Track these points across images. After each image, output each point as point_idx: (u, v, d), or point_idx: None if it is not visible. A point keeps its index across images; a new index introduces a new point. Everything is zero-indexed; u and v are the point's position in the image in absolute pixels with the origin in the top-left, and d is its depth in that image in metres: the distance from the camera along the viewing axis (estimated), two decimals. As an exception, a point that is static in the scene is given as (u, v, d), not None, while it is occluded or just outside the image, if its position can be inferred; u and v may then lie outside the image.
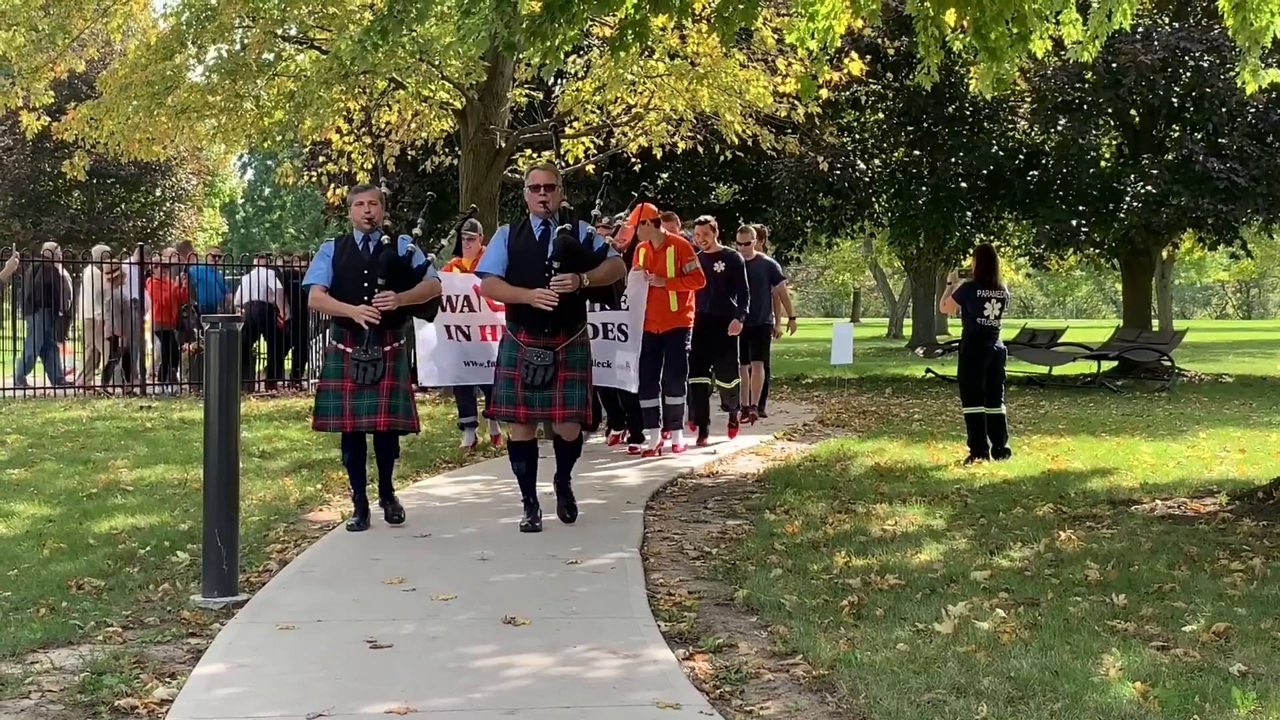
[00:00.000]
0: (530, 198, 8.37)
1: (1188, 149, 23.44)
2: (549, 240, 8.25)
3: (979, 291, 11.82)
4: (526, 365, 8.18)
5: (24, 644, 5.79)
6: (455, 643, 5.80)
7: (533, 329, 8.24)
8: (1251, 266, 65.30)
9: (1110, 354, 24.15)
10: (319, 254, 8.59)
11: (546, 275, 8.16)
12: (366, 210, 8.33)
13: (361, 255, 8.34)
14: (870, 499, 9.69)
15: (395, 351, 8.35)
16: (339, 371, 8.32)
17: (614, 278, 8.51)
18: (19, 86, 18.67)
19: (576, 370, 8.34)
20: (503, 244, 8.40)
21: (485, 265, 8.46)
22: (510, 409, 8.34)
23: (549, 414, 8.33)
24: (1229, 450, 12.92)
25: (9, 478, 10.54)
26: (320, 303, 8.41)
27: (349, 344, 8.27)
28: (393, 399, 8.30)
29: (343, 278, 8.31)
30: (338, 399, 8.27)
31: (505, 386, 8.33)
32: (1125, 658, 5.47)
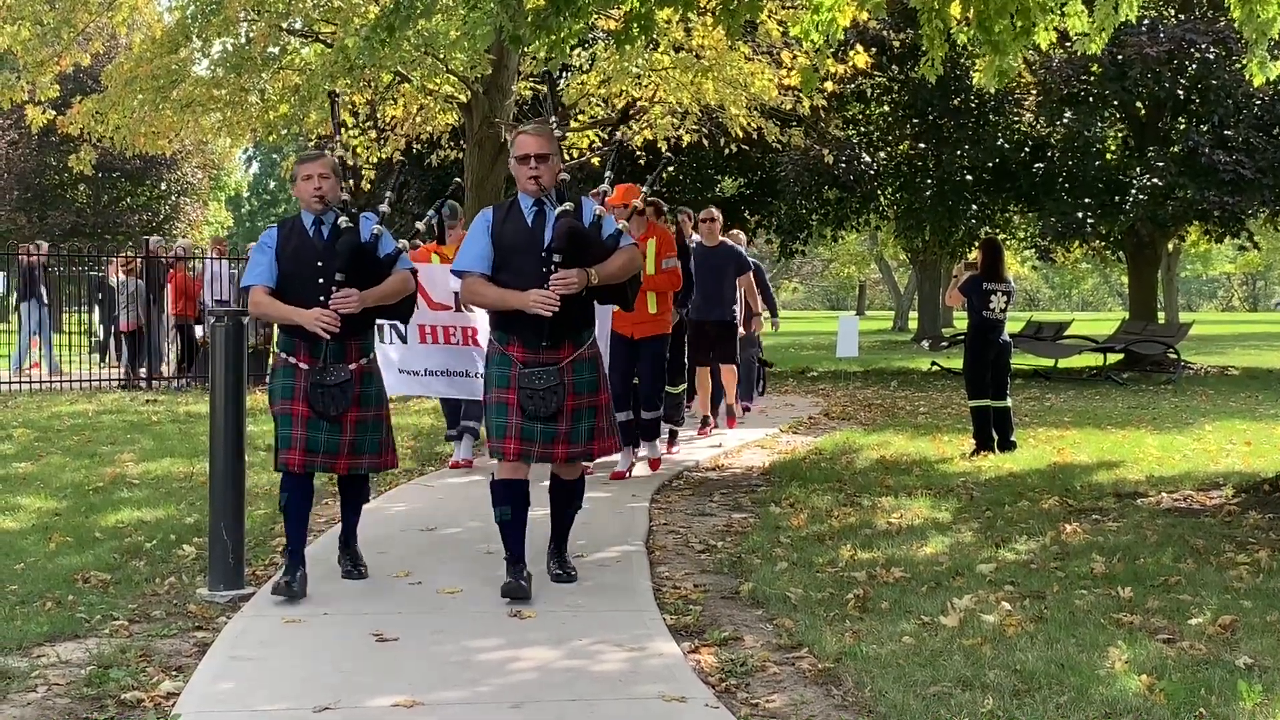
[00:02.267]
0: (519, 171, 6.61)
1: (1194, 141, 23.40)
2: (545, 225, 6.52)
3: (984, 284, 11.81)
4: (526, 391, 6.43)
5: (30, 638, 5.80)
6: (461, 636, 5.81)
7: (528, 342, 6.48)
8: (1258, 259, 65.21)
9: (1116, 347, 24.11)
10: (258, 245, 6.69)
11: (544, 271, 6.41)
12: (316, 185, 6.52)
13: (313, 244, 6.53)
14: (876, 492, 9.69)
15: (364, 371, 6.63)
16: (289, 390, 6.52)
17: (629, 272, 6.67)
18: (24, 80, 18.71)
19: (585, 394, 6.57)
20: (485, 233, 6.60)
21: (464, 262, 6.62)
22: (503, 444, 6.54)
23: (550, 452, 6.53)
24: (1235, 443, 12.91)
25: (15, 471, 10.56)
26: (263, 309, 6.54)
27: (303, 358, 6.51)
28: (359, 434, 6.61)
29: (291, 274, 6.51)
30: (286, 426, 6.52)
31: (499, 413, 6.52)
32: (1131, 651, 5.47)
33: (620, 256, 6.62)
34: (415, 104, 20.28)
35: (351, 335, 6.53)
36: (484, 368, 6.71)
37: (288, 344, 6.59)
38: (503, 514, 6.62)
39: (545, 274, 6.41)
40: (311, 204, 6.57)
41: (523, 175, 6.60)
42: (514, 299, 6.43)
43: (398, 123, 20.99)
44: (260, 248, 6.64)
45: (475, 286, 6.63)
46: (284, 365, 6.59)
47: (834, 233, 31.07)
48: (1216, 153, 22.91)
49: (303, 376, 6.49)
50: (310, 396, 6.46)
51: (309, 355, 6.51)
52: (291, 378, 6.54)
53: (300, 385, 6.49)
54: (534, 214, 6.60)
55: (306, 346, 6.50)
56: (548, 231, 6.49)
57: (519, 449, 6.49)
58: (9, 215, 43.32)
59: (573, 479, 6.90)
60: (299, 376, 6.51)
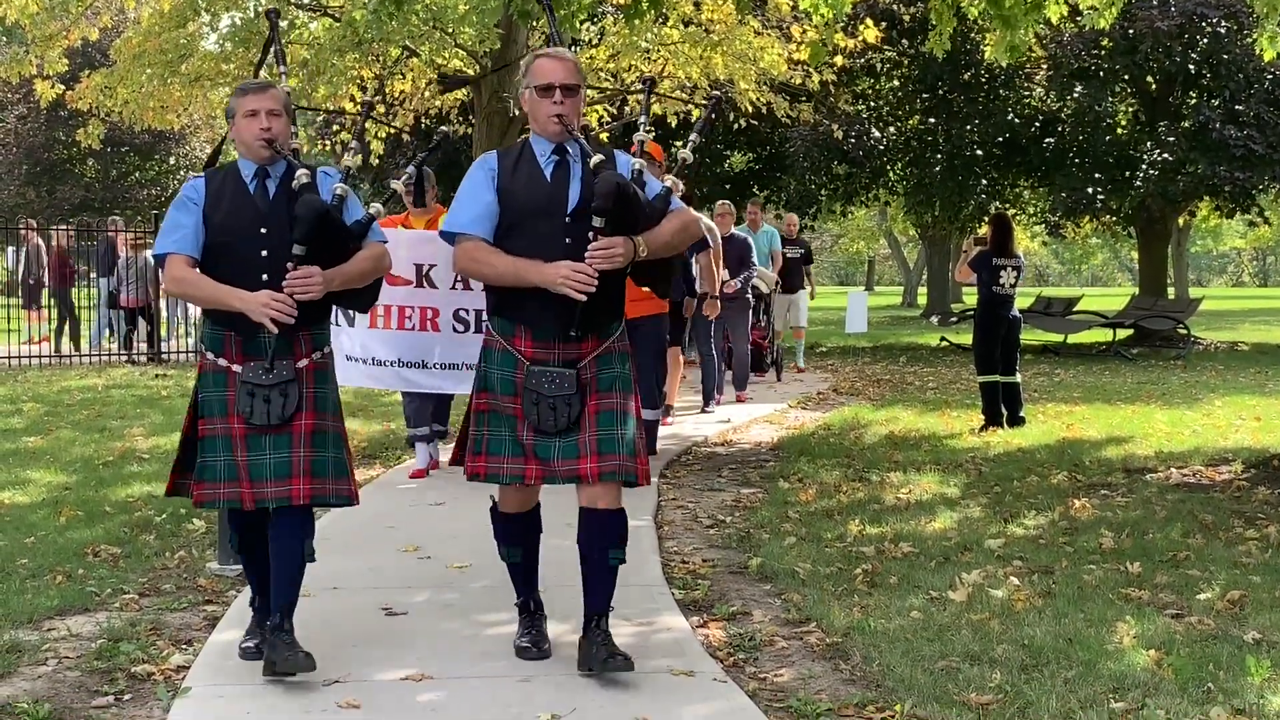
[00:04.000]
0: (537, 106, 5.04)
1: (1204, 116, 23.32)
2: (569, 180, 5.02)
3: (994, 260, 11.79)
4: (534, 396, 4.96)
5: (41, 611, 5.82)
6: (470, 610, 5.82)
7: (541, 332, 4.99)
8: (1268, 234, 64.98)
9: (1126, 322, 24.08)
10: (178, 201, 5.05)
11: (566, 241, 4.93)
12: (264, 125, 4.95)
13: (255, 203, 4.97)
14: (884, 467, 9.69)
15: (318, 368, 5.03)
16: (222, 406, 4.94)
17: (683, 243, 5.29)
18: (33, 54, 18.68)
19: (615, 394, 5.04)
20: (488, 186, 5.06)
21: (460, 221, 5.07)
22: (506, 464, 5.04)
23: (575, 470, 4.97)
24: (1244, 418, 12.89)
25: (26, 446, 10.58)
26: (186, 287, 5.00)
27: (237, 358, 4.93)
28: (317, 450, 4.95)
29: (224, 244, 4.94)
30: (226, 451, 4.91)
31: (496, 426, 5.05)
32: (1139, 626, 5.47)
33: (672, 222, 5.10)
34: (424, 79, 20.23)
35: (303, 325, 4.90)
36: (479, 363, 5.13)
37: (215, 340, 4.98)
38: (509, 554, 5.32)
39: (568, 244, 4.92)
40: (256, 149, 4.97)
41: (542, 112, 5.02)
42: (536, 272, 4.87)
43: (406, 97, 20.94)
44: (181, 205, 5.01)
45: (478, 253, 5.00)
46: (214, 370, 4.97)
47: (843, 208, 31.02)
48: (1227, 128, 22.83)
49: (235, 383, 4.93)
50: (243, 402, 4.88)
51: (243, 353, 4.92)
52: (225, 387, 4.95)
53: (235, 396, 4.93)
54: (553, 165, 5.05)
55: (240, 342, 4.92)
56: (572, 188, 4.99)
57: (540, 471, 5.00)
58: (18, 190, 43.35)
59: (613, 508, 5.01)
60: (232, 386, 4.93)
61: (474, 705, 4.63)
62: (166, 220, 5.03)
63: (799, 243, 19.07)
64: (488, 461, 5.07)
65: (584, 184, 4.98)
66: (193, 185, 5.09)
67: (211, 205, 4.98)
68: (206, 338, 5.08)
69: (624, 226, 4.90)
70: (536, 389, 4.98)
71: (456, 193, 5.12)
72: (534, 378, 4.98)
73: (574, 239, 4.93)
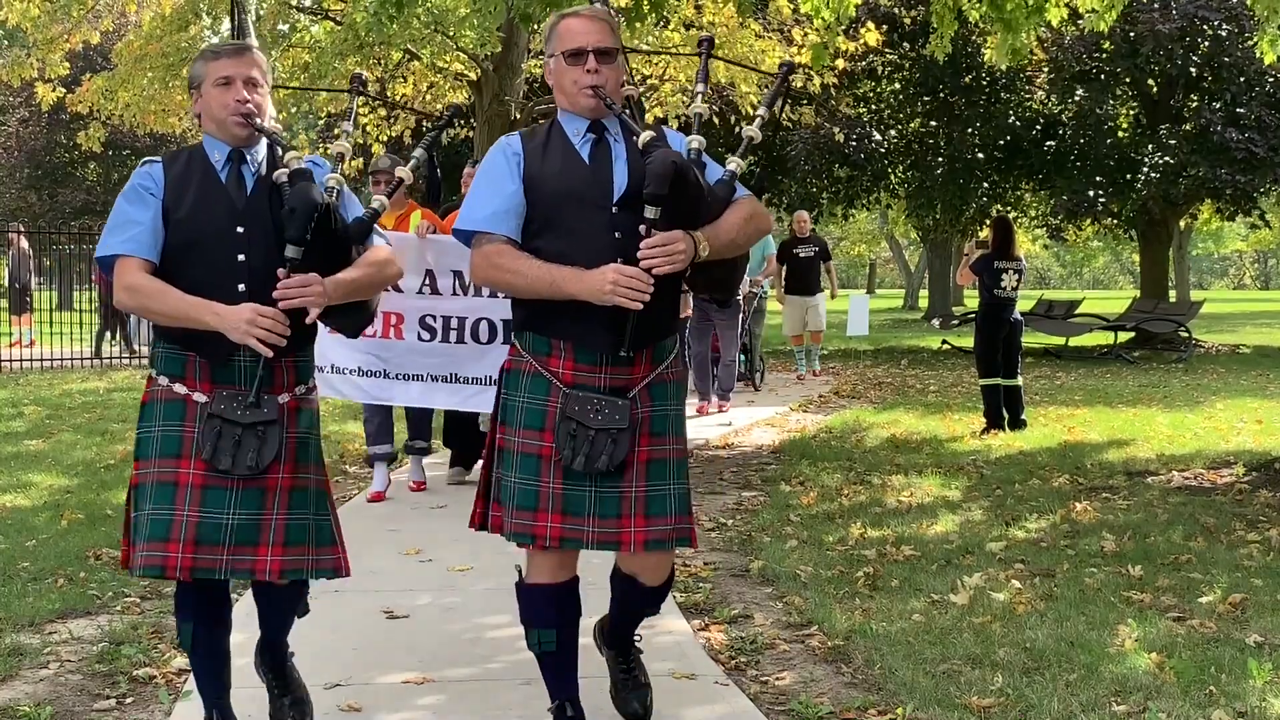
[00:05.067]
0: (567, 76, 4.12)
1: (1205, 119, 23.34)
2: (611, 163, 4.11)
3: (996, 263, 11.79)
4: (573, 426, 3.97)
5: (43, 614, 5.82)
6: (471, 613, 5.83)
7: (586, 352, 4.04)
8: (1270, 236, 64.99)
9: (1127, 325, 24.07)
10: (129, 191, 4.05)
11: (615, 236, 3.99)
12: (240, 95, 4.00)
13: (229, 194, 4.02)
14: (886, 470, 9.69)
15: (299, 406, 4.08)
16: (174, 444, 3.93)
17: (751, 240, 4.23)
18: (34, 58, 18.72)
19: (668, 438, 4.12)
20: (511, 174, 4.11)
21: (477, 218, 4.09)
22: (532, 519, 4.04)
23: (614, 534, 4.03)
24: (1246, 421, 12.89)
25: (27, 449, 10.59)
26: (145, 299, 3.94)
27: (202, 385, 3.96)
28: (295, 512, 4.00)
29: (190, 243, 3.97)
30: (170, 505, 3.87)
31: (524, 470, 4.04)
32: (1141, 629, 5.47)
33: (738, 213, 4.12)
34: (425, 82, 20.26)
35: (288, 350, 3.94)
36: (499, 389, 4.19)
37: (173, 362, 3.98)
38: (542, 640, 4.23)
39: (616, 239, 3.97)
40: (230, 127, 4.01)
41: (573, 83, 4.10)
42: (577, 283, 3.89)
43: (407, 100, 20.97)
44: (134, 196, 4.01)
45: (503, 259, 4.01)
46: (166, 398, 3.97)
47: (844, 211, 31.01)
48: (1228, 130, 22.84)
49: (199, 418, 3.92)
50: (208, 442, 3.87)
51: (212, 380, 3.95)
52: (180, 420, 3.94)
53: (195, 434, 3.91)
54: (590, 145, 4.13)
55: (208, 367, 3.95)
56: (617, 171, 4.08)
57: (561, 529, 4.00)
58: (19, 193, 43.37)
59: (657, 582, 4.33)
60: (193, 419, 3.92)
61: (475, 708, 4.63)
62: (115, 214, 4.01)
63: (813, 240, 18.09)
64: (506, 512, 4.09)
65: (631, 166, 4.05)
66: (147, 172, 4.04)
67: (173, 196, 3.98)
68: (160, 359, 4.03)
69: (682, 218, 3.95)
70: (578, 417, 3.96)
71: (471, 184, 4.23)
72: (574, 402, 3.97)
73: (624, 232, 3.97)
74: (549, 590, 4.20)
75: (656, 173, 3.85)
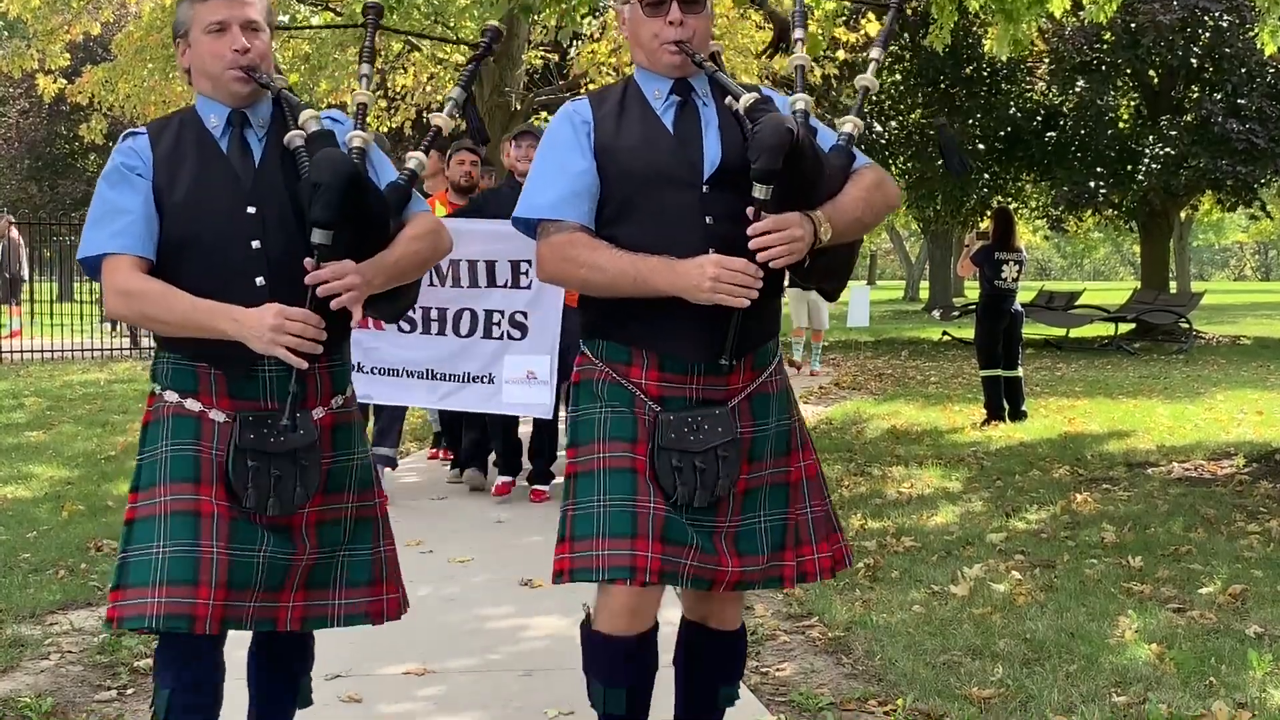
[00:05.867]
0: (642, 29, 3.45)
1: (1206, 110, 23.33)
2: (702, 130, 3.43)
3: (996, 254, 11.78)
4: (677, 464, 3.33)
5: (44, 605, 5.82)
6: (472, 605, 5.83)
7: (675, 359, 3.38)
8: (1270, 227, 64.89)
9: (1128, 316, 24.07)
10: (111, 172, 3.30)
11: (706, 220, 3.33)
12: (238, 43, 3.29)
13: (233, 167, 3.30)
14: (886, 462, 9.69)
15: (339, 421, 3.41)
16: (185, 467, 3.22)
17: (876, 219, 3.53)
18: (35, 49, 18.72)
19: (765, 463, 3.47)
20: (580, 147, 3.42)
21: (542, 204, 3.41)
22: (630, 547, 3.26)
23: (713, 571, 3.36)
24: (1246, 412, 12.89)
25: (28, 440, 10.59)
26: (146, 303, 3.24)
27: (220, 402, 3.28)
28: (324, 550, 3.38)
29: (190, 235, 3.26)
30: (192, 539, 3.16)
31: (614, 489, 3.32)
32: (1141, 620, 5.47)
33: (860, 185, 3.42)
34: (425, 73, 20.24)
35: (321, 354, 3.25)
36: (572, 407, 3.51)
37: (182, 376, 3.29)
38: (611, 702, 3.54)
39: (709, 225, 3.31)
40: (228, 83, 3.29)
41: (652, 37, 3.42)
42: (669, 275, 3.23)
43: (408, 92, 20.95)
44: (118, 178, 3.28)
45: (577, 250, 3.33)
46: (176, 413, 3.27)
47: (845, 202, 30.95)
48: (1229, 121, 22.83)
49: (216, 437, 3.24)
50: (234, 469, 3.20)
51: (231, 397, 3.27)
52: (194, 438, 3.24)
53: (212, 457, 3.23)
54: (674, 110, 3.44)
55: (226, 380, 3.26)
56: (708, 143, 3.39)
57: (661, 561, 3.25)
58: (20, 184, 43.33)
59: (730, 627, 3.65)
60: (210, 438, 3.24)
61: (476, 699, 4.63)
62: (97, 203, 3.28)
63: None
64: (576, 548, 3.31)
65: (724, 136, 3.39)
66: (130, 147, 3.31)
67: (165, 175, 3.26)
68: (165, 372, 3.32)
69: (797, 196, 3.24)
70: (677, 446, 3.31)
71: (533, 161, 3.54)
72: (669, 429, 3.31)
73: (716, 216, 3.31)
74: (629, 643, 3.42)
75: (768, 143, 3.14)
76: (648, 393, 3.38)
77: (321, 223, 3.13)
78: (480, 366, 7.63)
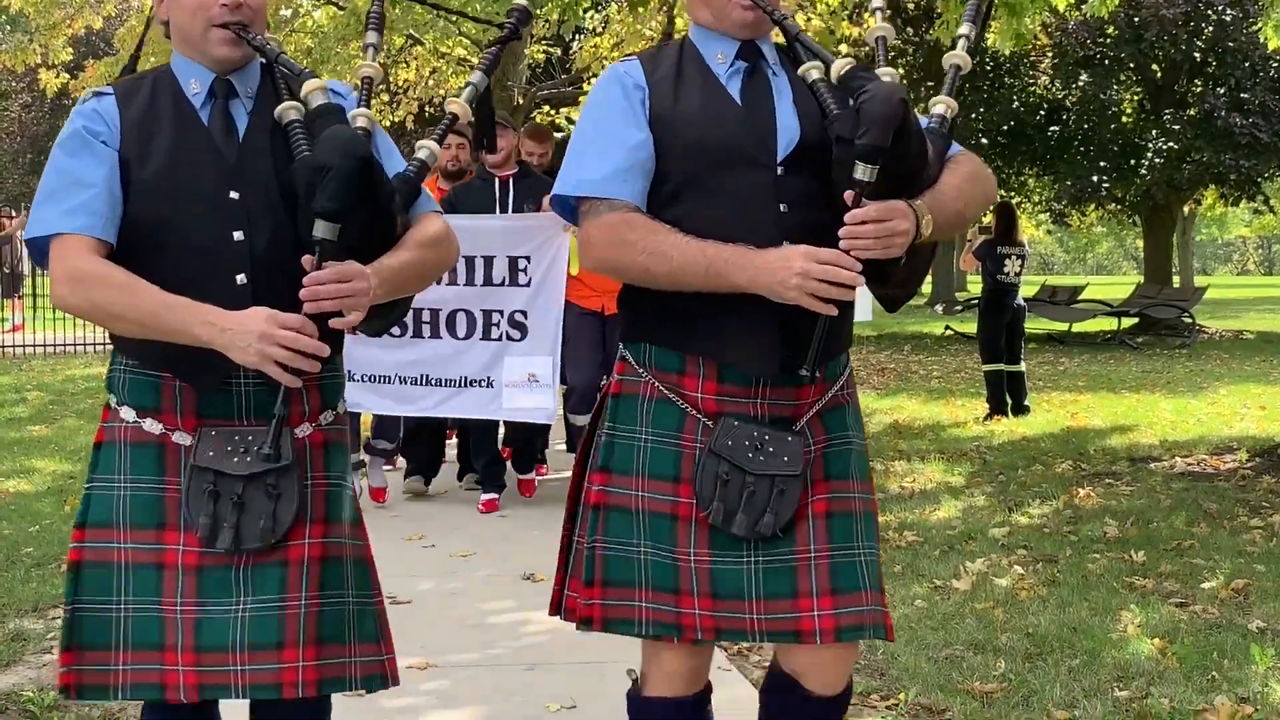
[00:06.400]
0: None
1: (1210, 104, 23.33)
2: (775, 100, 2.89)
3: (999, 248, 11.77)
4: (725, 476, 2.80)
5: (46, 600, 5.82)
6: (474, 599, 5.83)
7: (740, 370, 2.85)
8: (1274, 222, 64.93)
9: (1131, 311, 24.04)
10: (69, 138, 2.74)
11: (780, 208, 2.80)
12: None
13: (213, 141, 2.76)
14: (889, 456, 9.68)
15: (331, 441, 2.89)
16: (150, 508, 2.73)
17: (977, 212, 3.06)
18: (37, 43, 18.70)
19: (854, 482, 2.94)
20: (634, 116, 2.87)
21: (592, 178, 2.84)
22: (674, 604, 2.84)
23: (791, 621, 2.82)
24: (1249, 407, 12.87)
25: (30, 434, 10.60)
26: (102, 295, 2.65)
27: (185, 420, 2.74)
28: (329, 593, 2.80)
29: (159, 219, 2.71)
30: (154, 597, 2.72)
31: (654, 536, 2.85)
32: (1144, 614, 5.47)
33: (959, 174, 2.92)
34: (428, 66, 20.24)
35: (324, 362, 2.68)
36: (602, 422, 2.97)
37: (141, 388, 2.78)
38: None
39: (782, 214, 2.79)
40: (214, 44, 2.77)
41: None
42: (748, 266, 2.70)
43: (410, 86, 20.95)
44: (77, 144, 2.74)
45: (635, 232, 2.79)
46: (135, 439, 2.77)
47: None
48: (1233, 116, 22.83)
49: (183, 467, 2.73)
50: (189, 494, 2.70)
51: (199, 415, 2.75)
52: (157, 474, 2.75)
53: (179, 493, 2.73)
54: (741, 76, 2.91)
55: (193, 396, 2.74)
56: (781, 116, 2.86)
57: (715, 618, 2.83)
58: (21, 179, 43.37)
59: (833, 688, 2.96)
60: (175, 470, 2.74)
61: (478, 694, 4.63)
62: (51, 175, 2.74)
63: None
64: (611, 594, 2.87)
65: (800, 109, 2.87)
66: (93, 109, 2.76)
67: (134, 146, 2.73)
68: (122, 383, 2.81)
69: (897, 183, 2.73)
70: (731, 457, 2.79)
71: (575, 130, 2.99)
72: (728, 433, 2.81)
73: (791, 203, 2.80)
74: (681, 706, 2.99)
75: (879, 113, 2.63)
76: (704, 408, 2.85)
77: (328, 214, 2.58)
78: (478, 370, 7.23)
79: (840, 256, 2.65)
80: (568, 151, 2.94)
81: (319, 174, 2.57)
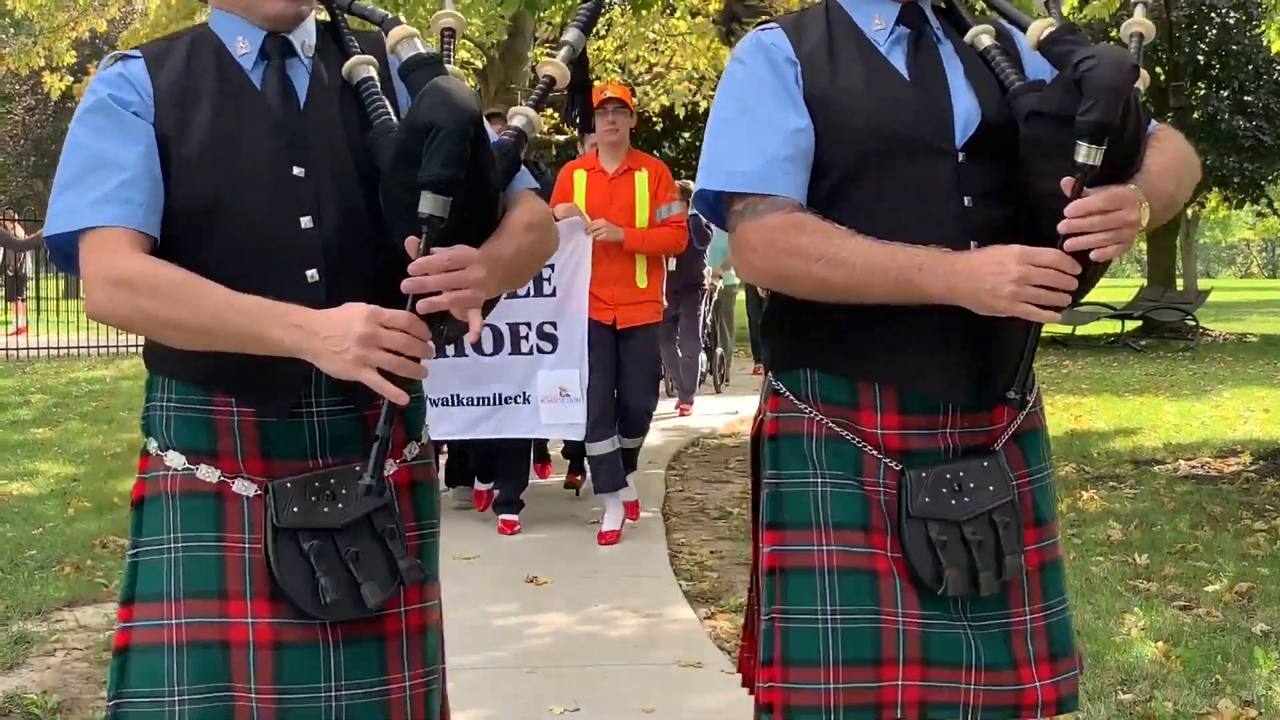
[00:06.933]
0: None
1: (1213, 107, 23.32)
2: (947, 77, 2.42)
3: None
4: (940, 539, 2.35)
5: (50, 602, 5.83)
6: (477, 601, 5.83)
7: (919, 396, 2.38)
8: (1277, 225, 64.94)
9: (1134, 313, 24.03)
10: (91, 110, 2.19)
11: (965, 202, 2.35)
12: None
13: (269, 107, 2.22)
14: (892, 459, 9.67)
15: (417, 479, 2.36)
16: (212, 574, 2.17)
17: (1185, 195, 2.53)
18: (41, 46, 18.72)
19: (1053, 523, 2.56)
20: (792, 96, 2.37)
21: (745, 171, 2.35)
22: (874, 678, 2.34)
23: (1016, 693, 2.40)
24: (1253, 410, 12.86)
25: (34, 437, 10.61)
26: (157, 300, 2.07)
27: (251, 464, 2.20)
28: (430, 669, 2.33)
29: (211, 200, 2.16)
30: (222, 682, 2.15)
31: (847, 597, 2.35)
32: (1147, 617, 5.47)
33: (1166, 154, 2.46)
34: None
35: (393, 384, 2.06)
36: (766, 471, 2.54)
37: (190, 427, 2.23)
38: None
39: (965, 210, 2.37)
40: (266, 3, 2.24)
41: None
42: (944, 272, 2.25)
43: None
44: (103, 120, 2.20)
45: (805, 237, 2.31)
46: (185, 492, 2.22)
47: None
48: (1236, 118, 22.83)
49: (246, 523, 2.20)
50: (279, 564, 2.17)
51: (265, 456, 2.22)
52: (215, 530, 2.21)
53: (243, 554, 2.20)
54: (905, 46, 2.45)
55: (255, 432, 2.22)
56: (957, 95, 2.42)
57: (922, 690, 2.37)
58: (25, 181, 43.43)
59: None
60: (237, 527, 2.21)
61: (482, 697, 4.63)
62: (73, 157, 2.23)
63: None
64: (793, 675, 2.37)
65: (976, 85, 2.43)
66: (121, 73, 2.23)
67: (172, 117, 2.21)
68: (164, 422, 2.26)
69: (1114, 165, 2.27)
70: (938, 513, 2.37)
71: (714, 113, 2.49)
72: (921, 491, 2.37)
73: (976, 196, 2.38)
74: None
75: (1108, 82, 2.20)
76: (885, 446, 2.40)
77: (441, 183, 2.03)
78: (514, 386, 6.90)
79: (1061, 258, 2.23)
80: (707, 139, 2.48)
81: (426, 135, 2.04)
